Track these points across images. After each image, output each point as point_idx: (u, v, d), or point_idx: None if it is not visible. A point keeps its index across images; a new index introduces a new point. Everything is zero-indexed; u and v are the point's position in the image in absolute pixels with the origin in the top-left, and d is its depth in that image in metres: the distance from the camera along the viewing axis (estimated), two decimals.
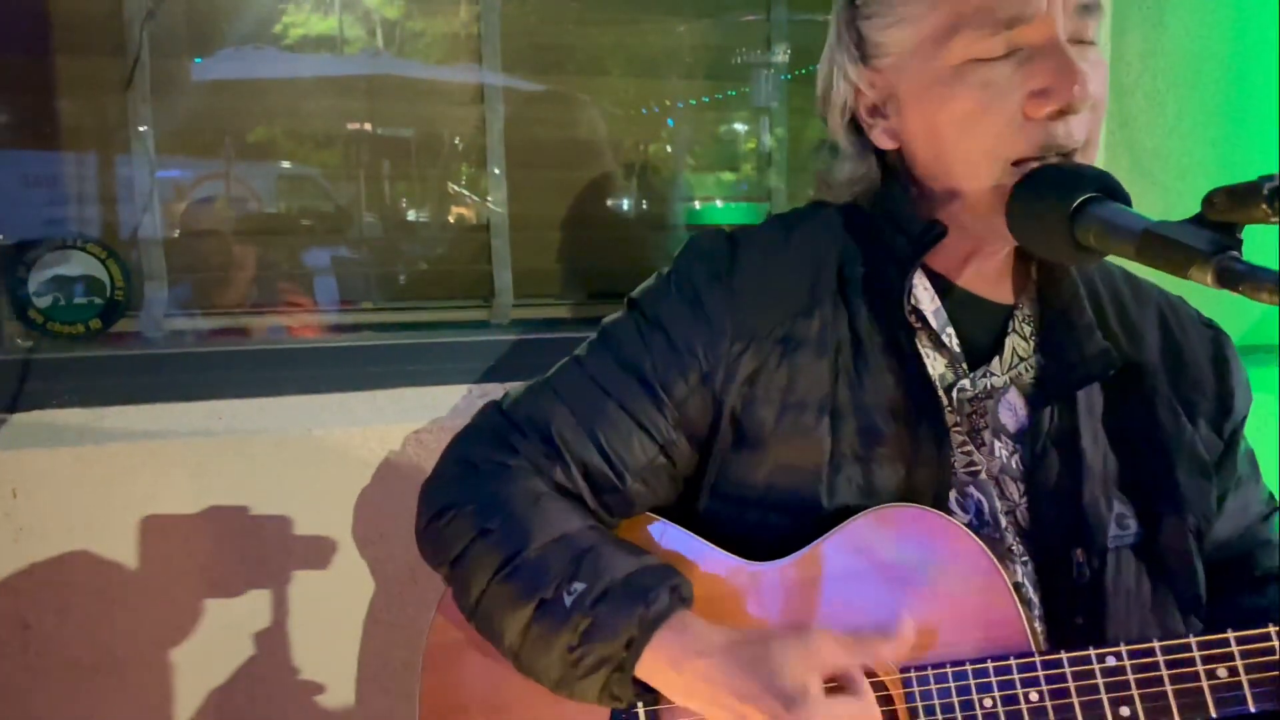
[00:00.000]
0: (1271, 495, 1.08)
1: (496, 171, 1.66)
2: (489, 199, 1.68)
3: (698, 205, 1.97)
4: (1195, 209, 0.76)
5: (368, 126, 1.65)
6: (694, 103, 1.87)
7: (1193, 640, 0.82)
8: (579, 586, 0.94)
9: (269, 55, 1.57)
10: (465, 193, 1.71)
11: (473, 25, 1.66)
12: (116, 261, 1.44)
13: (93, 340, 1.44)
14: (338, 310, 1.60)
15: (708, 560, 1.01)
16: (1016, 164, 0.91)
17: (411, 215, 1.69)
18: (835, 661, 0.89)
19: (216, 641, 1.35)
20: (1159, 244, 0.76)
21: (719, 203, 1.98)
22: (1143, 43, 1.80)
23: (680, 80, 1.83)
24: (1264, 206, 0.70)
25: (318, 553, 1.38)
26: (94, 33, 1.46)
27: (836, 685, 0.89)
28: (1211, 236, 0.74)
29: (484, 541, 0.99)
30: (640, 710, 0.99)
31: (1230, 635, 0.81)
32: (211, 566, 1.34)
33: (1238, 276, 0.70)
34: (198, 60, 1.53)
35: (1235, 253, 0.72)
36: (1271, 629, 0.80)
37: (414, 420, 1.42)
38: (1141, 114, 1.81)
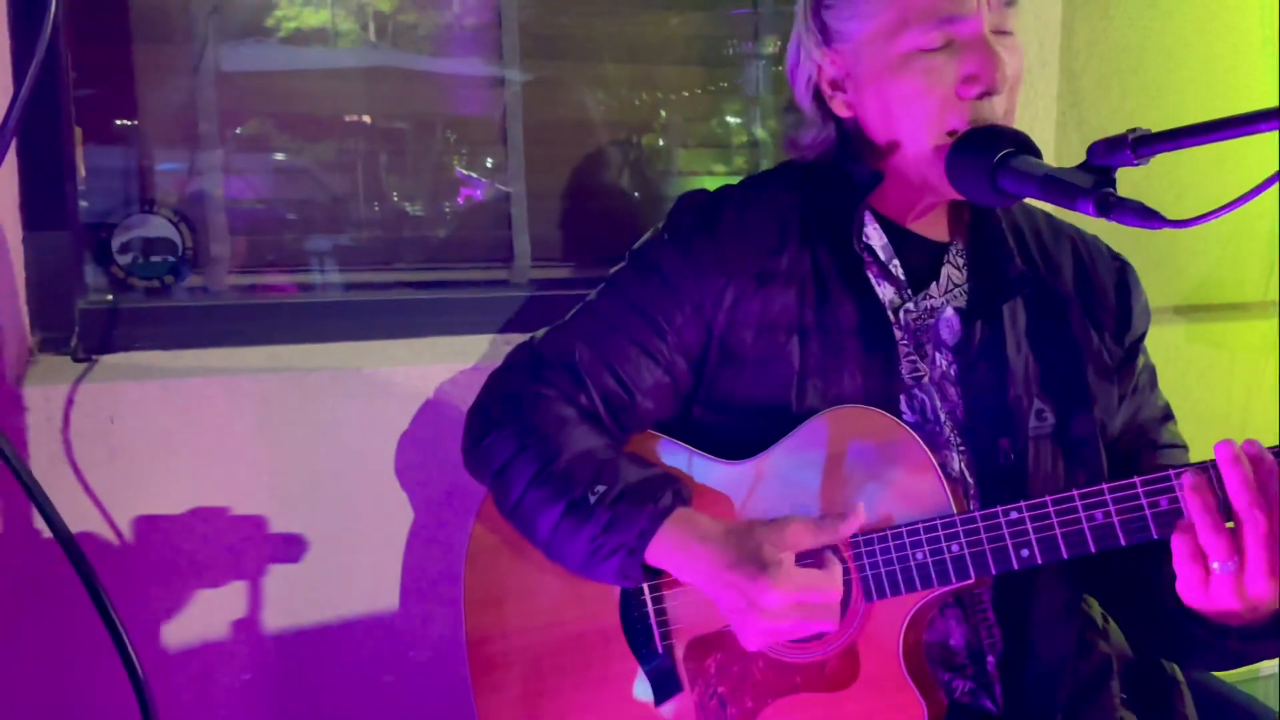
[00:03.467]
0: (1167, 405, 1.29)
1: (515, 149, 1.86)
2: (508, 172, 1.88)
3: (699, 174, 2.14)
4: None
5: (405, 113, 1.84)
6: (686, 93, 2.05)
7: (1076, 493, 1.01)
8: (601, 488, 1.16)
9: (315, 49, 1.77)
10: (474, 174, 1.91)
11: (494, 23, 1.86)
12: (187, 224, 1.65)
13: (167, 293, 1.65)
14: (379, 269, 1.80)
15: (696, 464, 1.23)
16: (952, 133, 1.12)
17: (442, 186, 1.89)
18: (805, 540, 1.10)
19: (279, 550, 1.56)
20: (1055, 184, 0.97)
21: (719, 170, 2.14)
22: (1090, 32, 2.01)
23: (674, 73, 2.02)
24: (1130, 152, 0.92)
25: (366, 474, 1.59)
26: (164, 24, 1.65)
27: (810, 561, 1.10)
28: (1094, 178, 0.95)
29: (522, 456, 1.21)
30: (645, 588, 1.21)
31: (1104, 486, 1.00)
32: (275, 484, 1.55)
33: (1110, 205, 0.92)
34: (256, 46, 1.72)
35: (1111, 189, 0.94)
36: (1137, 479, 0.99)
37: (447, 362, 1.63)
38: (1089, 96, 2.02)
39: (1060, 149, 1.95)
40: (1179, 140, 0.90)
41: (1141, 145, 0.91)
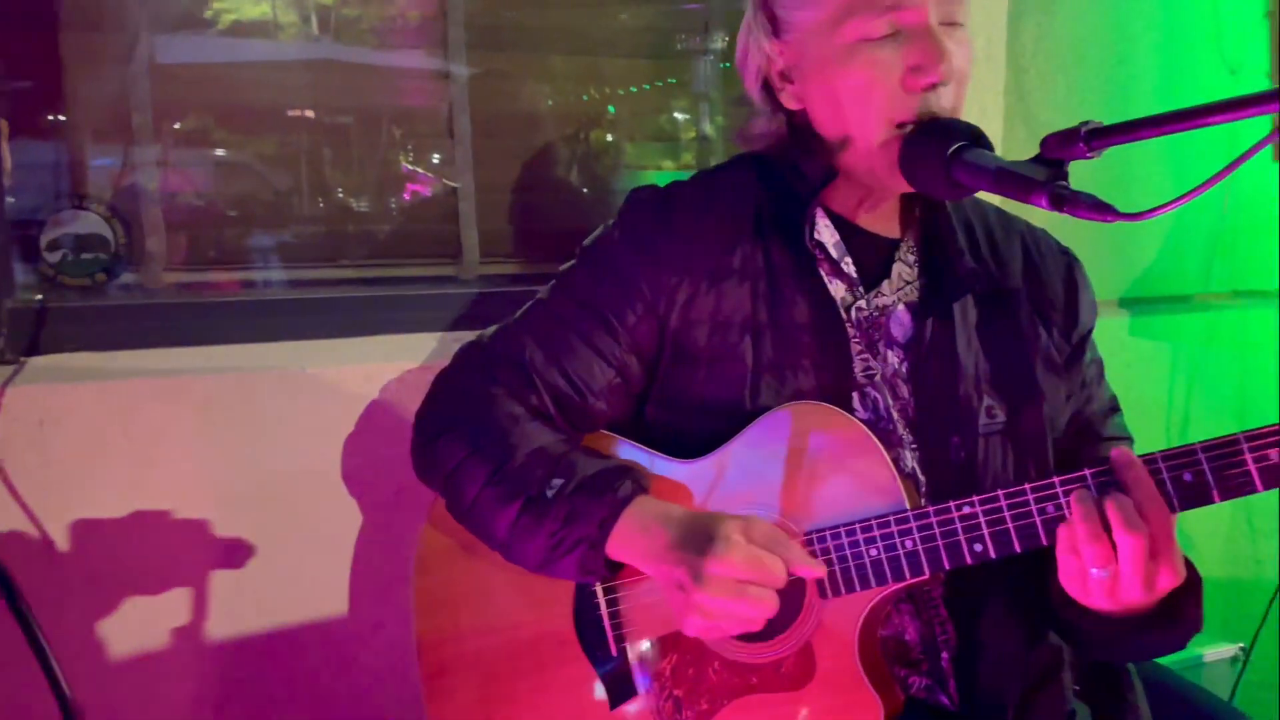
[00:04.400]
0: (1114, 397, 1.30)
1: (462, 143, 1.83)
2: (455, 167, 1.84)
3: (650, 169, 2.13)
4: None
5: (345, 104, 1.80)
6: (634, 90, 2.03)
7: (1028, 486, 1.02)
8: (558, 482, 1.13)
9: (256, 41, 1.72)
10: (420, 170, 1.87)
11: (438, 15, 1.82)
12: (120, 221, 1.59)
13: (101, 292, 1.59)
14: (325, 266, 1.76)
15: (652, 464, 1.20)
16: (899, 126, 1.11)
17: (387, 182, 1.85)
18: (761, 540, 1.05)
19: (222, 556, 1.51)
20: (1009, 177, 0.97)
21: (670, 165, 2.14)
22: (1036, 28, 2.03)
23: (622, 69, 2.00)
24: (1083, 145, 0.92)
25: (312, 476, 1.55)
26: (95, 12, 1.59)
27: None
28: (1047, 171, 0.95)
29: (475, 456, 1.18)
30: (599, 590, 1.19)
31: (1056, 479, 1.01)
32: (217, 489, 1.50)
33: (1063, 199, 0.91)
34: (193, 37, 1.66)
35: (1064, 182, 0.94)
36: (1087, 472, 1.00)
37: (394, 362, 1.60)
38: (1036, 90, 2.04)
39: (1008, 143, 1.97)
40: (1132, 133, 0.90)
41: (1094, 138, 0.91)
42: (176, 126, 1.68)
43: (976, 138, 1.06)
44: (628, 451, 1.23)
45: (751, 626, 1.07)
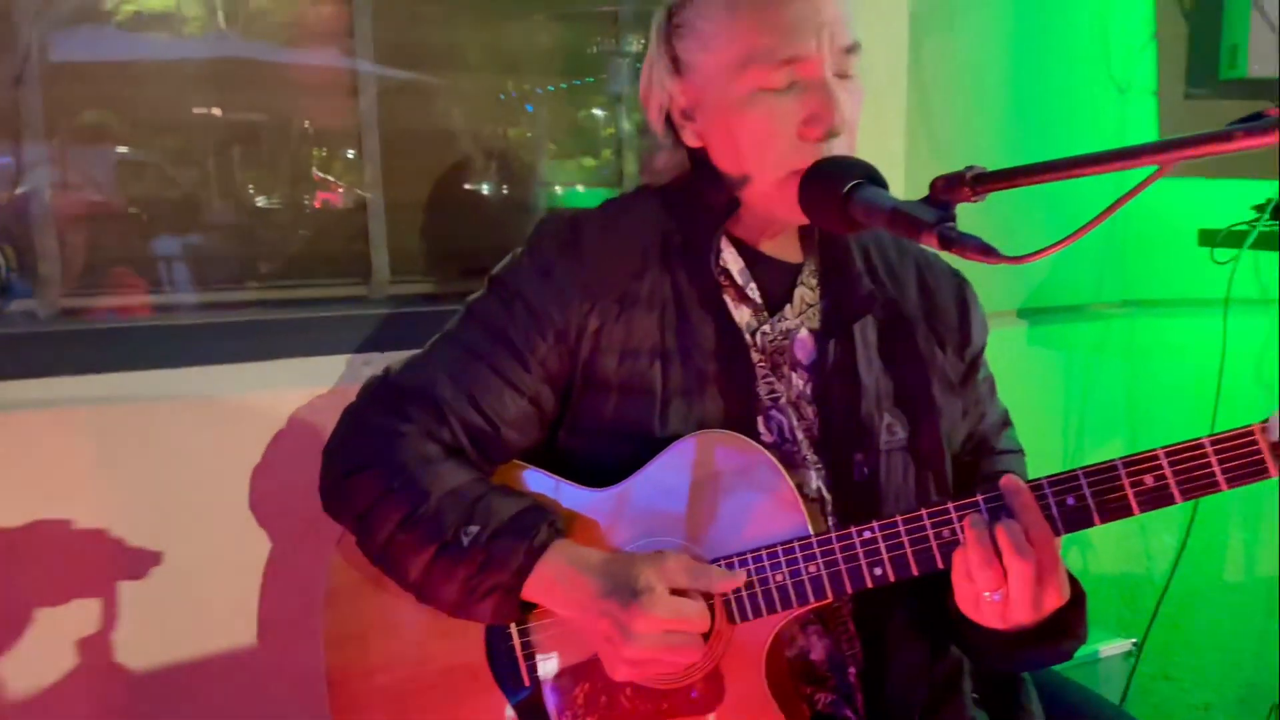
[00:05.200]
0: (1005, 411, 1.35)
1: (372, 159, 1.81)
2: (364, 184, 1.82)
3: (559, 190, 2.14)
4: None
5: (252, 115, 1.76)
6: (552, 88, 2.03)
7: (924, 511, 1.07)
8: (474, 528, 1.14)
9: (118, 35, 1.65)
10: (331, 179, 1.85)
11: (344, 16, 1.79)
12: (9, 242, 1.54)
13: None
14: (228, 289, 1.72)
15: (563, 491, 1.22)
16: (795, 173, 1.14)
17: (293, 201, 1.82)
18: (681, 579, 1.10)
19: (126, 590, 1.48)
20: (901, 217, 1.00)
21: (580, 188, 2.16)
22: (937, 48, 2.09)
23: (539, 69, 2.00)
24: (968, 189, 0.95)
25: (217, 507, 1.52)
26: None
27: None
28: (937, 212, 0.98)
29: (388, 499, 1.17)
30: (513, 627, 1.20)
31: (950, 504, 1.06)
32: (117, 522, 1.46)
33: (951, 240, 0.95)
34: (89, 32, 1.59)
35: (951, 223, 0.97)
36: (979, 496, 1.05)
37: (303, 387, 1.57)
38: (938, 108, 2.10)
39: (911, 159, 2.02)
40: (1011, 180, 0.93)
41: (979, 183, 0.95)
42: (69, 133, 1.60)
43: (872, 176, 1.09)
44: (537, 479, 1.23)
45: (677, 670, 1.11)
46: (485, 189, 1.99)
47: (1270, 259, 2.30)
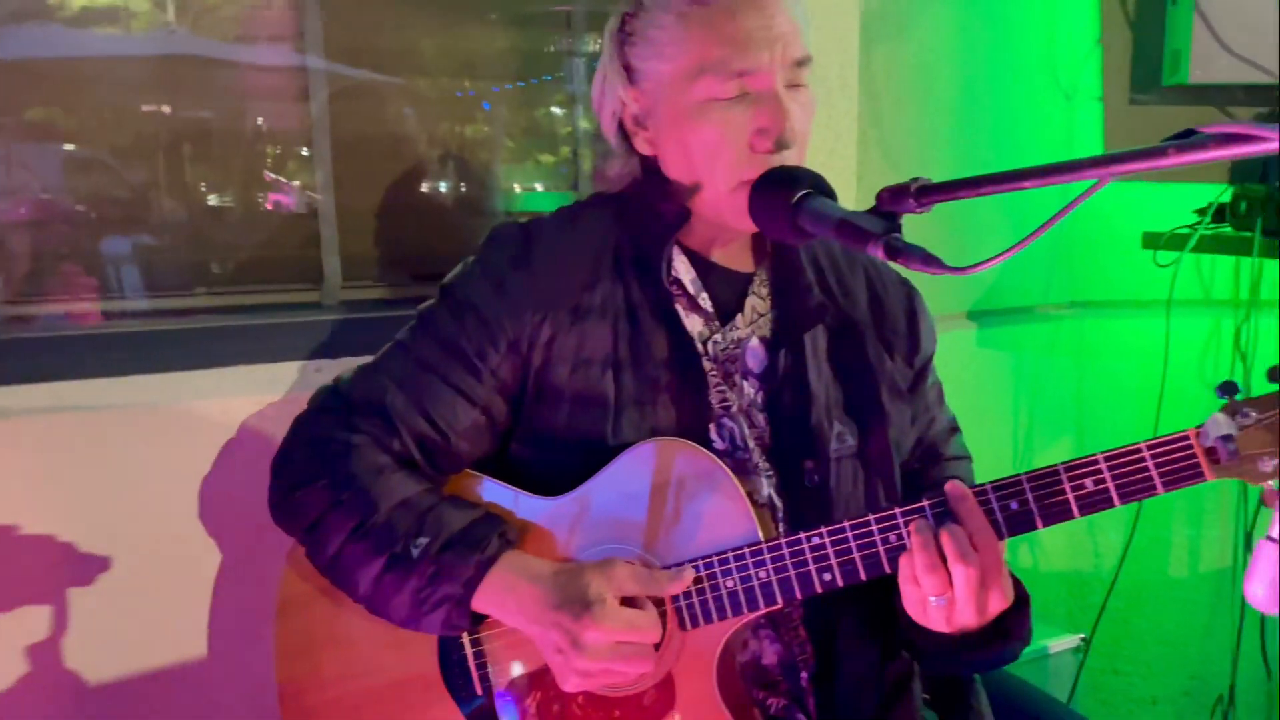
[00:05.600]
0: (953, 418, 1.38)
1: (323, 163, 1.79)
2: (316, 188, 1.80)
3: (517, 189, 2.13)
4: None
5: (200, 114, 1.74)
6: (510, 86, 2.02)
7: (872, 517, 1.08)
8: (423, 540, 1.14)
9: (64, 31, 1.62)
10: (283, 180, 1.83)
11: (295, 15, 1.76)
12: None
13: None
14: (177, 295, 1.70)
15: (517, 502, 1.22)
16: (746, 183, 1.15)
17: (244, 205, 1.80)
18: (630, 586, 1.11)
19: (73, 605, 1.45)
20: (849, 228, 1.01)
21: (539, 187, 2.15)
22: (886, 56, 2.12)
23: (494, 70, 1.99)
24: (912, 200, 0.97)
25: (166, 517, 1.50)
26: None
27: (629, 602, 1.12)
28: (883, 222, 1.00)
29: (337, 510, 1.17)
30: (465, 637, 1.20)
31: (897, 510, 1.08)
32: (63, 534, 1.44)
33: (897, 251, 0.96)
34: (35, 28, 1.55)
35: (898, 234, 0.99)
36: (925, 502, 1.07)
37: (252, 394, 1.56)
38: (888, 115, 2.13)
39: (862, 166, 2.04)
40: (958, 191, 0.95)
41: (923, 194, 0.96)
42: (12, 132, 1.57)
43: (820, 187, 1.10)
44: (490, 489, 1.23)
45: (629, 679, 1.12)
46: (442, 190, 1.98)
47: (1211, 261, 2.36)
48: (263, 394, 1.55)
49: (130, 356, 1.57)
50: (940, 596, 1.04)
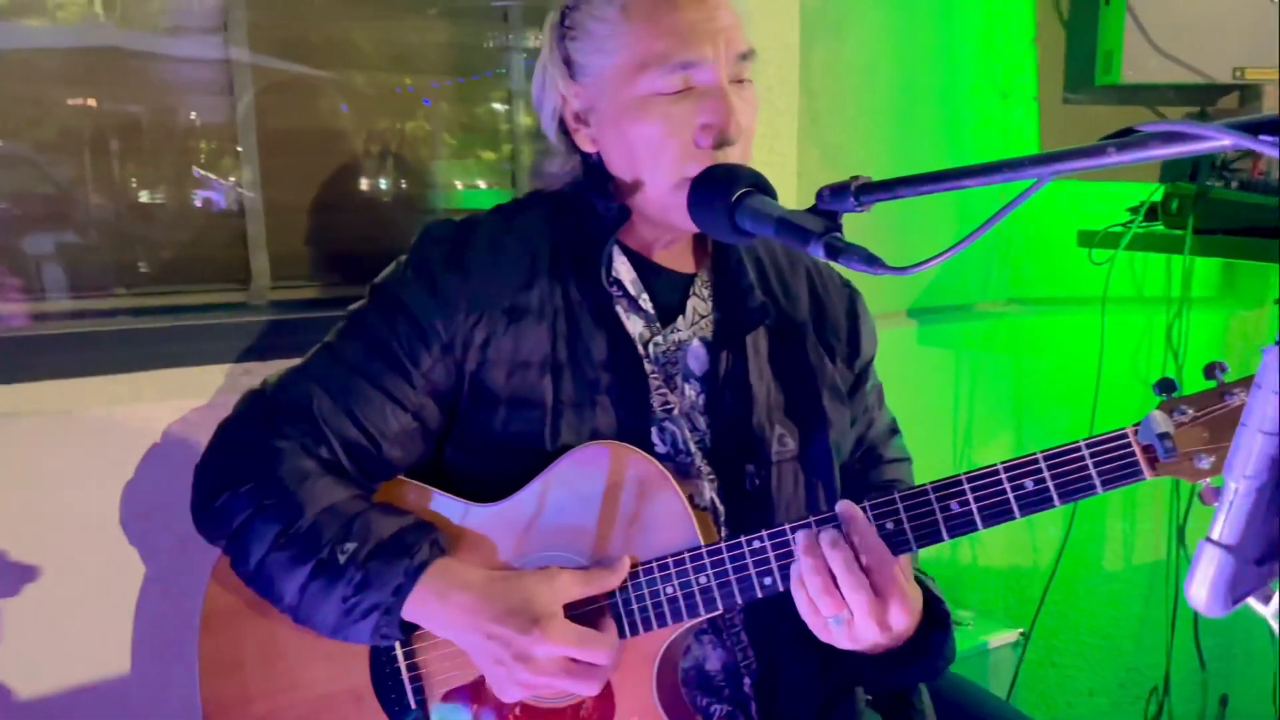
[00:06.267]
0: (893, 420, 1.37)
1: (250, 159, 1.73)
2: (243, 183, 1.74)
3: (459, 186, 2.09)
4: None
5: (124, 108, 1.67)
6: (450, 82, 1.98)
7: (813, 520, 1.07)
8: (350, 546, 1.10)
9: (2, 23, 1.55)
10: (212, 177, 1.76)
11: (222, 8, 1.70)
12: None
13: None
14: (98, 296, 1.62)
15: (451, 508, 1.18)
16: (687, 179, 1.12)
17: (168, 201, 1.73)
18: (574, 591, 1.09)
19: None
20: (788, 226, 1.00)
21: (482, 184, 2.11)
22: (826, 54, 2.11)
23: (431, 65, 1.95)
24: (853, 199, 0.95)
25: (85, 528, 1.44)
26: None
27: (579, 613, 1.10)
28: (823, 222, 0.98)
29: (261, 516, 1.12)
30: (398, 649, 1.16)
31: (812, 520, 1.05)
32: None
33: (837, 250, 0.95)
34: None
35: (838, 233, 0.97)
36: (866, 504, 1.05)
37: (176, 399, 1.50)
38: (826, 114, 2.12)
39: (802, 164, 2.04)
40: (898, 190, 0.93)
41: (863, 193, 0.95)
42: None
43: (760, 185, 1.08)
44: (423, 496, 1.20)
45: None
46: (379, 187, 1.93)
47: (1144, 259, 2.40)
48: (187, 398, 1.50)
49: (42, 361, 1.49)
50: (837, 616, 1.02)
